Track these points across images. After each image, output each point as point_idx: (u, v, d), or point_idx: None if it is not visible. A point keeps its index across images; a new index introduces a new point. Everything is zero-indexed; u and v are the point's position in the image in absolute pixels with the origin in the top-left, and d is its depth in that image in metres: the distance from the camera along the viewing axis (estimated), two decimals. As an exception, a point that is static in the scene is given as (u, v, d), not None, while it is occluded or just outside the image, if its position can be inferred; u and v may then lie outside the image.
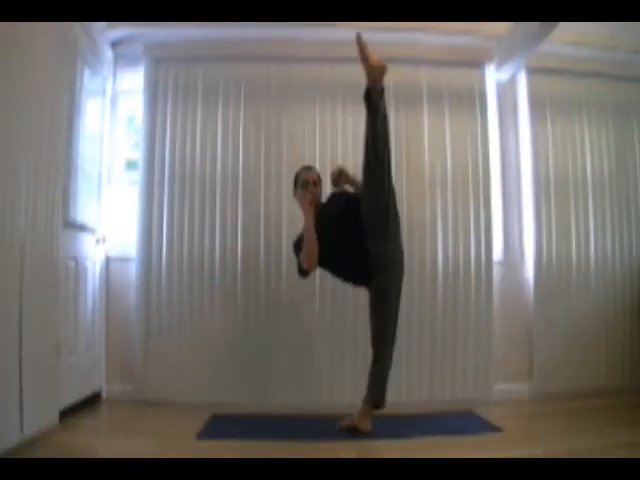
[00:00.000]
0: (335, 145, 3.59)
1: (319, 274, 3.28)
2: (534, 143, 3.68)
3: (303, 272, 2.86)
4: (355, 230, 2.76)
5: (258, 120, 3.58)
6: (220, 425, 2.98)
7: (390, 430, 2.82)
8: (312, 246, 2.73)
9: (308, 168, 3.06)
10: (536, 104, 3.70)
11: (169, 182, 3.54)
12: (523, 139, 3.77)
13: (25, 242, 2.61)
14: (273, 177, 3.55)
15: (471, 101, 3.65)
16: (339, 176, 3.02)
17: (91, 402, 3.37)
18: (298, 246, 2.87)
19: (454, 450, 2.50)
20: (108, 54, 3.73)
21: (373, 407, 2.77)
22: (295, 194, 3.02)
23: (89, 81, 3.43)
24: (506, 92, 3.83)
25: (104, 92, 3.73)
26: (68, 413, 3.04)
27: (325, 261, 2.82)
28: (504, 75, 3.72)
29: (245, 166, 3.55)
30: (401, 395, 3.36)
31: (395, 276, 2.81)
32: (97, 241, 3.54)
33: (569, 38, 3.54)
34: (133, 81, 3.76)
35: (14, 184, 2.55)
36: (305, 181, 2.94)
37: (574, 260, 3.67)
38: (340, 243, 2.77)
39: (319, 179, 3.01)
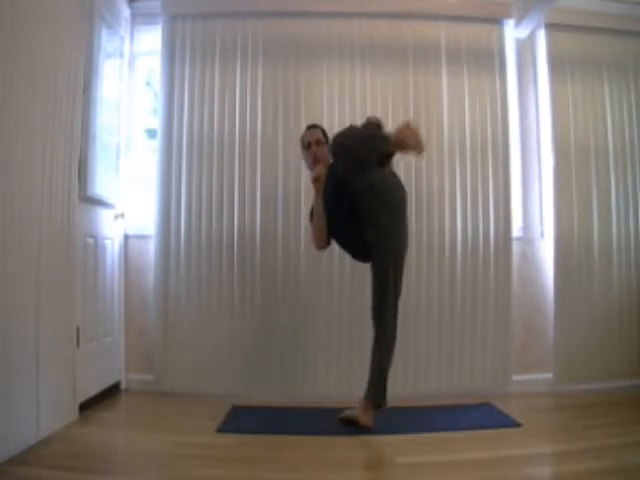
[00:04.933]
0: (354, 105, 3.37)
1: (338, 255, 3.15)
2: (554, 107, 3.42)
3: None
4: (350, 209, 2.62)
5: (276, 80, 3.38)
6: (240, 418, 2.79)
7: (405, 424, 2.67)
8: (317, 227, 2.73)
9: (310, 127, 2.91)
10: (556, 63, 3.45)
11: (187, 149, 3.33)
12: (542, 102, 3.53)
13: (42, 219, 2.34)
14: (292, 140, 3.27)
15: (490, 60, 3.44)
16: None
17: (110, 393, 3.12)
18: (312, 216, 2.80)
19: (472, 446, 2.35)
20: (125, 11, 3.42)
21: (373, 406, 2.54)
22: (303, 157, 2.92)
23: (106, 41, 3.12)
24: (525, 51, 3.59)
25: (122, 54, 3.41)
26: (88, 405, 2.80)
27: (332, 232, 2.75)
28: (523, 32, 3.51)
29: (263, 130, 3.34)
30: (418, 384, 3.21)
31: (392, 243, 2.61)
32: (116, 217, 3.25)
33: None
34: (150, 42, 3.53)
35: (30, 155, 2.26)
36: (308, 143, 2.82)
37: (595, 237, 3.37)
38: (339, 218, 2.70)
39: (324, 136, 2.85)
